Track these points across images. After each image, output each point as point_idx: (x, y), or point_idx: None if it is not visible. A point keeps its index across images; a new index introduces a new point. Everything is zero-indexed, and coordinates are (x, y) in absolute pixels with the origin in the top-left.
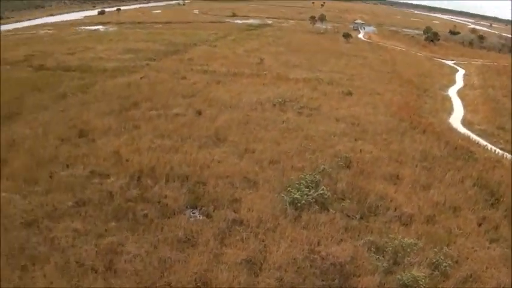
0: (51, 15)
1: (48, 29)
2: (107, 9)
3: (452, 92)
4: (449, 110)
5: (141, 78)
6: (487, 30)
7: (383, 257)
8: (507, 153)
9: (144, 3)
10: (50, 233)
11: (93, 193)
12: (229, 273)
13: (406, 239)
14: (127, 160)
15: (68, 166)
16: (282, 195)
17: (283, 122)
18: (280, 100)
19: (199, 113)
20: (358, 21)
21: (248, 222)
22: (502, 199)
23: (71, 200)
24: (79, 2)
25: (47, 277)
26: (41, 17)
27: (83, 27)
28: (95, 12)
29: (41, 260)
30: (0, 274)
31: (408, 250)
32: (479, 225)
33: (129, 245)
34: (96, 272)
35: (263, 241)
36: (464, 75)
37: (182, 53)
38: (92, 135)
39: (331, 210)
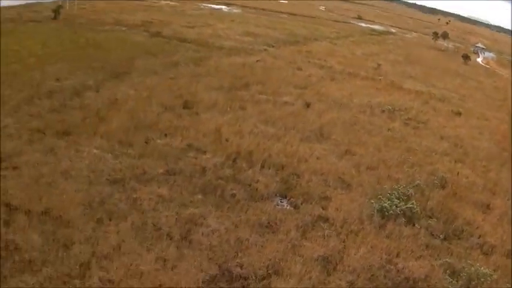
0: None
1: (171, 1)
2: None
3: None
4: None
5: (257, 61)
6: None
7: (457, 281)
8: None
9: None
10: (134, 193)
11: (186, 165)
12: (302, 267)
13: (483, 268)
14: (226, 140)
15: (166, 135)
16: (372, 201)
17: (388, 129)
18: (389, 107)
19: (308, 105)
20: (479, 45)
21: (333, 220)
22: None
23: (162, 167)
24: None
25: (120, 234)
26: None
27: (206, 5)
28: None
29: (118, 217)
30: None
31: (482, 279)
32: None
33: (210, 219)
34: (170, 239)
35: (343, 242)
36: None
37: (301, 45)
38: (196, 108)
39: (416, 225)
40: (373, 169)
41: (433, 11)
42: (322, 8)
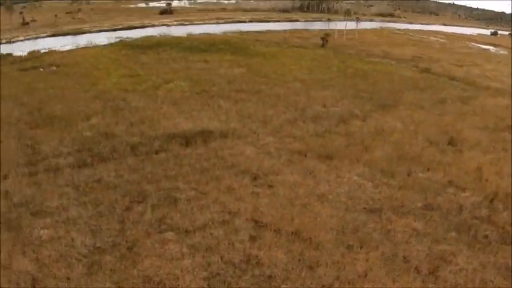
0: (444, 24)
1: (440, 38)
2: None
3: None
4: None
5: None
6: None
7: None
8: None
9: None
10: (389, 224)
11: (444, 201)
12: None
13: None
14: (486, 180)
15: (428, 169)
16: None
17: None
18: None
19: None
20: None
21: None
22: None
23: (420, 201)
24: (473, 19)
25: (369, 262)
26: (433, 24)
27: (474, 44)
28: (487, 31)
29: (369, 245)
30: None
31: None
32: None
33: (460, 257)
34: (418, 273)
35: None
36: None
37: None
38: (460, 145)
39: None
40: None
41: None
42: None
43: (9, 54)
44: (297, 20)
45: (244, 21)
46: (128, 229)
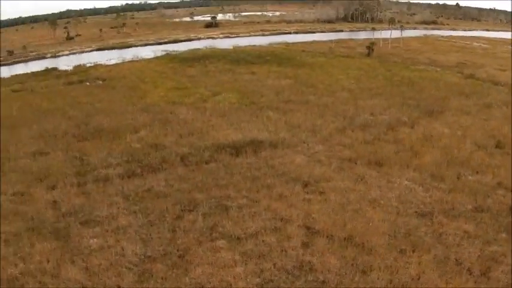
0: (486, 29)
1: (483, 43)
2: None
3: None
4: None
5: None
6: None
7: None
8: None
9: None
10: (441, 228)
11: (494, 203)
12: None
13: None
14: None
15: (477, 172)
16: None
17: None
18: None
19: None
20: None
21: None
22: None
23: (471, 204)
24: None
25: (422, 265)
26: (475, 30)
27: None
28: None
29: (422, 249)
30: (376, 252)
31: None
32: None
33: (511, 258)
34: (470, 274)
35: None
36: None
37: None
38: (507, 148)
39: None
40: None
41: None
42: None
43: (55, 69)
44: (342, 30)
45: (290, 33)
46: (179, 237)
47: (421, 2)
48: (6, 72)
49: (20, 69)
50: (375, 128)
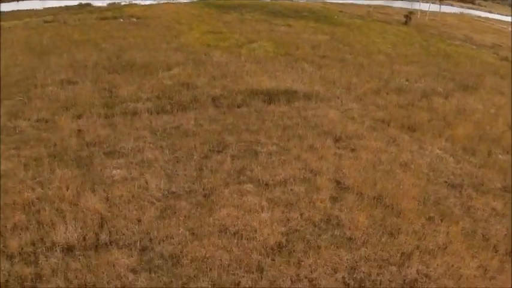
0: None
1: None
2: None
3: None
4: None
5: None
6: None
7: None
8: None
9: None
10: (469, 201)
11: None
12: None
13: None
14: None
15: (507, 152)
16: None
17: None
18: None
19: None
20: None
21: None
22: None
23: (500, 182)
24: None
25: (449, 235)
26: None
27: None
28: None
29: (450, 219)
30: (405, 215)
31: None
32: None
33: None
34: (496, 252)
35: None
36: None
37: None
38: None
39: None
40: None
41: None
42: None
43: (88, 4)
44: None
45: None
46: (205, 177)
47: None
48: (39, 5)
49: (53, 3)
50: (409, 93)
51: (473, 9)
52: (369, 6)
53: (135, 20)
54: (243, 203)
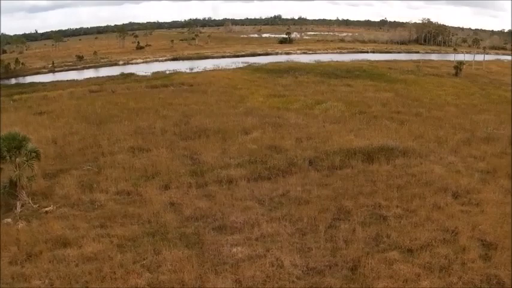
0: None
1: None
2: None
3: None
4: None
5: None
6: None
7: None
8: None
9: None
10: None
11: None
12: None
13: None
14: None
15: None
16: None
17: None
18: None
19: None
20: None
21: None
22: None
23: None
24: None
25: None
26: None
27: None
28: None
29: None
30: None
31: None
32: None
33: None
34: None
35: None
36: None
37: None
38: None
39: None
40: None
41: None
42: None
43: (132, 74)
44: (418, 52)
45: (367, 52)
46: (341, 248)
47: (484, 28)
48: (77, 75)
49: (90, 73)
50: (498, 141)
51: (507, 54)
52: (416, 61)
53: (186, 87)
54: (395, 272)
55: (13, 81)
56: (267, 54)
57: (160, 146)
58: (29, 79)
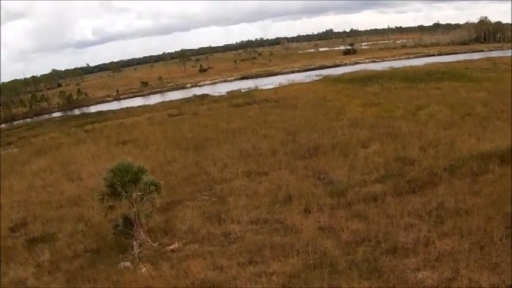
0: None
1: None
2: None
3: None
4: None
5: None
6: None
7: None
8: None
9: None
10: None
11: None
12: None
13: None
14: None
15: None
16: None
17: None
18: None
19: None
20: None
21: None
22: None
23: None
24: None
25: None
26: None
27: None
28: None
29: None
30: None
31: None
32: None
33: None
34: None
35: None
36: None
37: None
38: None
39: None
40: None
41: None
42: None
43: (207, 94)
44: (482, 50)
45: (433, 55)
46: None
47: None
48: (142, 101)
49: (157, 98)
50: None
51: None
52: (486, 58)
53: (272, 103)
54: None
55: (76, 111)
56: (336, 66)
57: (278, 168)
58: (93, 108)
